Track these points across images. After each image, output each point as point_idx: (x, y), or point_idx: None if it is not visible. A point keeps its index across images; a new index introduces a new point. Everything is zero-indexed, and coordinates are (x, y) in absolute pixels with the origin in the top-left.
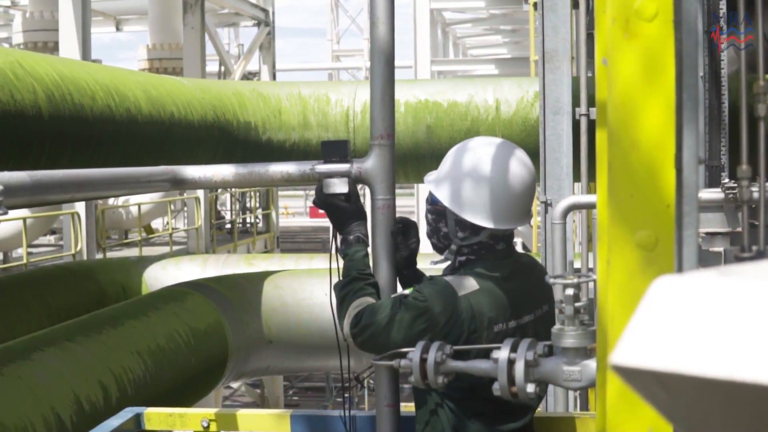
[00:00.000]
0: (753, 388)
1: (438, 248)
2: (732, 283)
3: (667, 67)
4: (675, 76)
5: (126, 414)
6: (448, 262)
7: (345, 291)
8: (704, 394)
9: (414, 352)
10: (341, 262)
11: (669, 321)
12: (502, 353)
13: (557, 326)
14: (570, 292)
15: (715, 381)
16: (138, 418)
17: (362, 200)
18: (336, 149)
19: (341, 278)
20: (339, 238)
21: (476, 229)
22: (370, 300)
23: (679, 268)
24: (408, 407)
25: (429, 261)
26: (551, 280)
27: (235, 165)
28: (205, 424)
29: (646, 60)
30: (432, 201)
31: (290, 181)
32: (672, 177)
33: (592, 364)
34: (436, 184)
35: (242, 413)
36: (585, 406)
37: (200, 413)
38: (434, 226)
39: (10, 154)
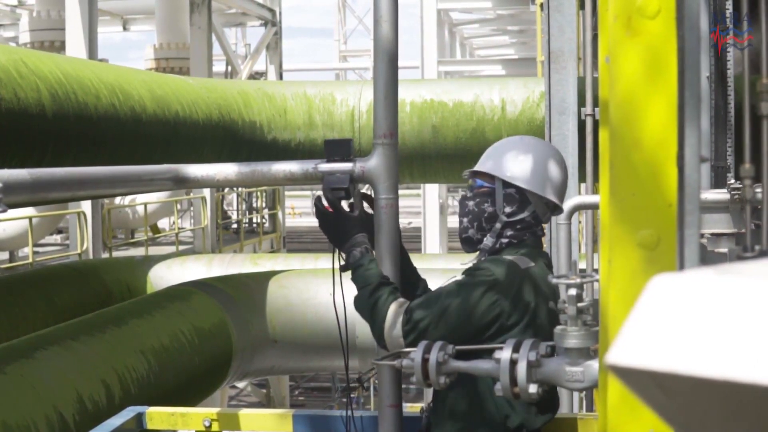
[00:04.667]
0: (751, 388)
1: (471, 243)
2: (730, 282)
3: (669, 65)
4: (677, 74)
5: (128, 413)
6: (474, 261)
7: (377, 295)
8: (702, 394)
9: (416, 352)
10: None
11: (666, 320)
12: (504, 353)
13: (560, 326)
14: (573, 292)
15: (713, 381)
16: (140, 417)
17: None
18: (339, 148)
19: (363, 286)
20: (344, 253)
21: (523, 205)
22: (407, 301)
23: (681, 268)
24: (413, 407)
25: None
26: (554, 280)
27: (238, 164)
28: (207, 424)
29: (648, 58)
30: (477, 185)
31: (293, 180)
32: (674, 175)
33: (594, 364)
34: (493, 166)
35: (244, 413)
36: (591, 407)
37: (202, 413)
38: (478, 210)
39: (13, 153)
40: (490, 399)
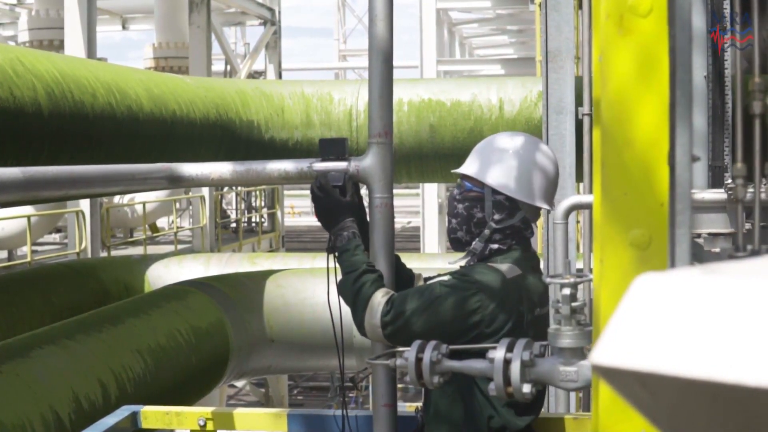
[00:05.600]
0: (736, 389)
1: (460, 244)
2: (715, 281)
3: (661, 64)
4: (669, 73)
5: (122, 412)
6: (463, 262)
7: (361, 282)
8: (686, 394)
9: (410, 352)
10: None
11: (650, 319)
12: (498, 353)
13: (554, 326)
14: (567, 291)
15: (697, 381)
16: (134, 416)
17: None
18: (334, 147)
19: (348, 271)
20: (332, 236)
21: (512, 212)
22: (392, 291)
23: (672, 267)
24: (411, 407)
25: (447, 261)
26: (548, 280)
27: (233, 163)
28: (202, 423)
29: (640, 56)
30: (466, 188)
31: (288, 179)
32: (666, 175)
33: (588, 364)
34: (478, 171)
35: (239, 412)
36: (588, 407)
37: (197, 412)
38: (467, 214)
39: (9, 152)
40: (473, 400)
